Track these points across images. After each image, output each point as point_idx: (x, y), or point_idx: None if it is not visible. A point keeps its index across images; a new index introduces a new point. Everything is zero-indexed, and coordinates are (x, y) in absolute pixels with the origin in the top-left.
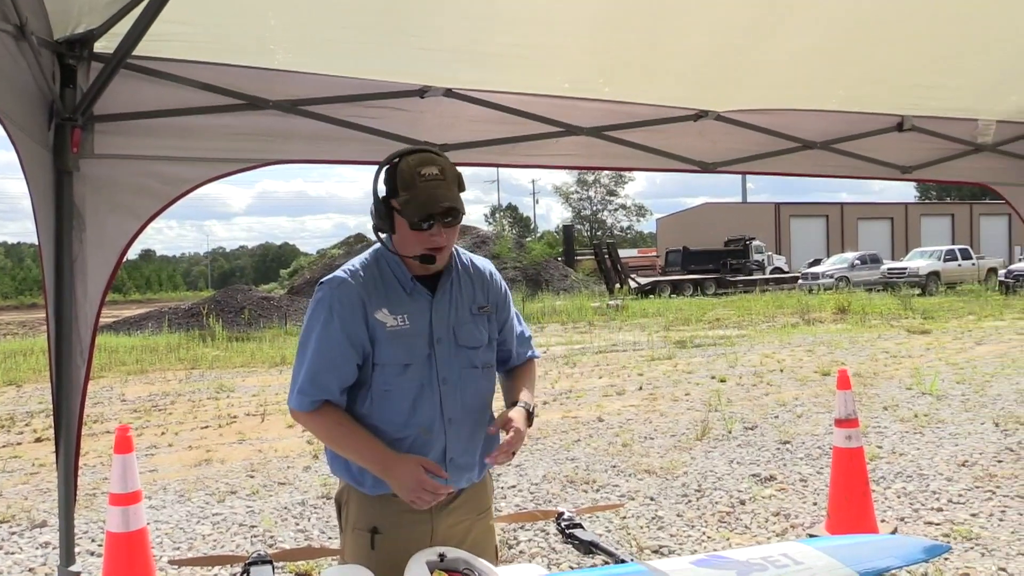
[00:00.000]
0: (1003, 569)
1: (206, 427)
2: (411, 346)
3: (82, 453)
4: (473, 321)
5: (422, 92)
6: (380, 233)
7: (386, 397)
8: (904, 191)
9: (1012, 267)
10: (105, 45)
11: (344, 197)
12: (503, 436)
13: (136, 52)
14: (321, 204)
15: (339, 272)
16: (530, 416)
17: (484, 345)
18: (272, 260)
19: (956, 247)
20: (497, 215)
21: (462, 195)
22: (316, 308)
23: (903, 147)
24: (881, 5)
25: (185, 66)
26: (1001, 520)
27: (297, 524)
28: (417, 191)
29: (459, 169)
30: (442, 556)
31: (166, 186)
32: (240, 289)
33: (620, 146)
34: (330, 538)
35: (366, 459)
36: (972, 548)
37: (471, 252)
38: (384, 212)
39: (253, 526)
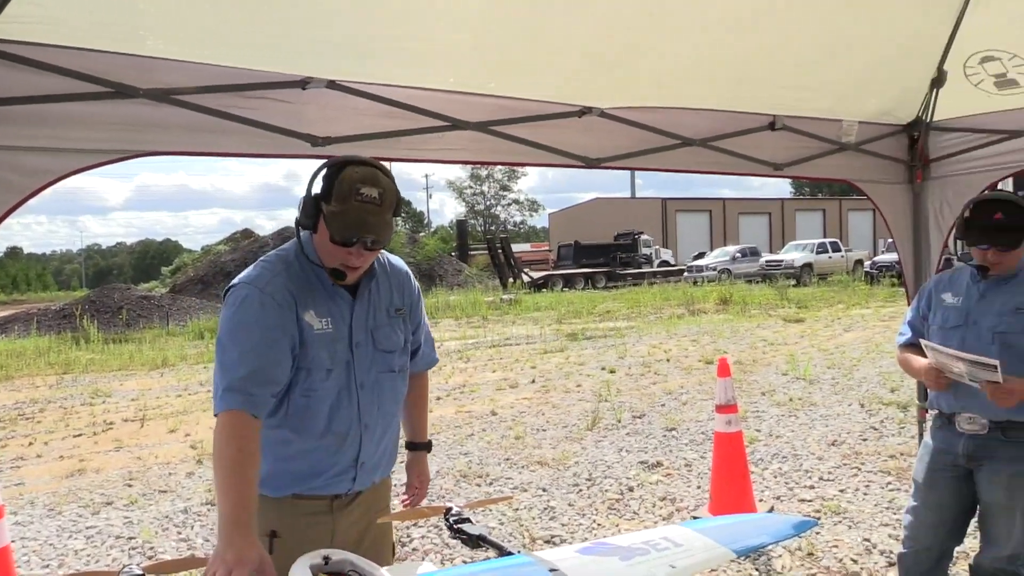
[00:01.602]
0: (867, 539)
1: (79, 435)
2: (334, 350)
3: None
4: (390, 324)
5: (304, 84)
6: (303, 230)
7: (306, 405)
8: (781, 188)
9: (876, 259)
10: None
11: (230, 191)
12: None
13: None
14: (206, 198)
15: (261, 270)
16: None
17: (400, 348)
18: (153, 257)
19: (827, 240)
20: None
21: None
22: (244, 305)
23: (776, 145)
24: (753, 10)
25: (45, 50)
26: (866, 494)
27: (179, 533)
28: (348, 208)
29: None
30: (326, 559)
31: (25, 178)
32: (117, 288)
33: (507, 141)
34: (214, 545)
35: (231, 505)
36: (840, 522)
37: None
38: (312, 212)
39: (131, 538)
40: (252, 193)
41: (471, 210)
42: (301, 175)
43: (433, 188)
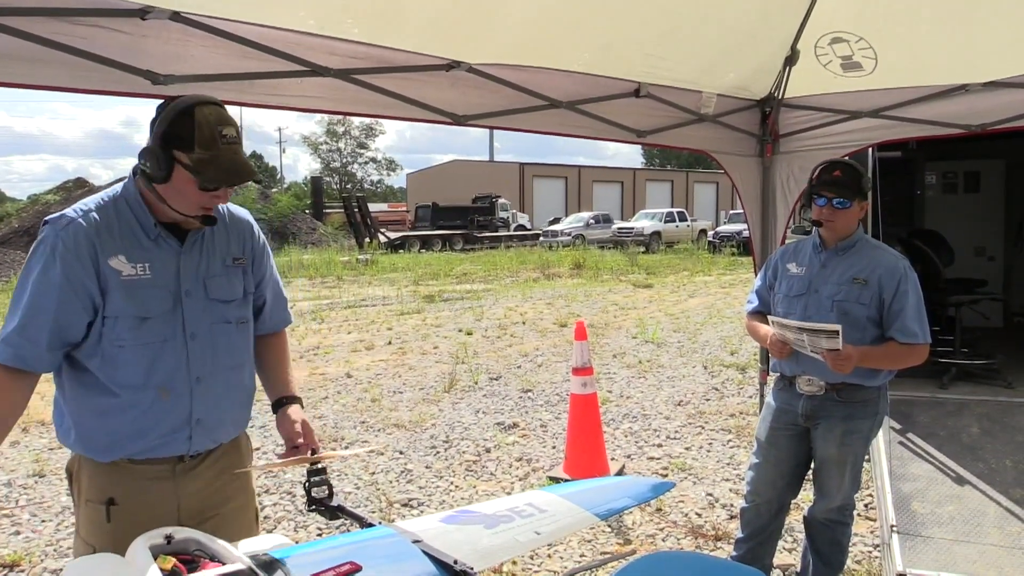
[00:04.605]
0: (710, 494)
1: None
2: (150, 297)
3: None
4: (225, 273)
5: (143, 13)
6: (147, 177)
7: (118, 355)
8: (633, 158)
9: (719, 229)
10: None
11: (60, 136)
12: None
13: None
14: (32, 143)
15: (68, 211)
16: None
17: (239, 299)
18: None
19: (675, 210)
20: None
21: None
22: (37, 250)
23: (639, 112)
24: None
25: None
26: (708, 452)
27: (1, 509)
28: (219, 153)
29: None
30: (169, 538)
31: None
32: None
33: (371, 92)
34: (43, 521)
35: None
36: (686, 478)
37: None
38: (164, 161)
39: None
40: (85, 139)
41: (327, 167)
42: (141, 121)
43: (287, 143)
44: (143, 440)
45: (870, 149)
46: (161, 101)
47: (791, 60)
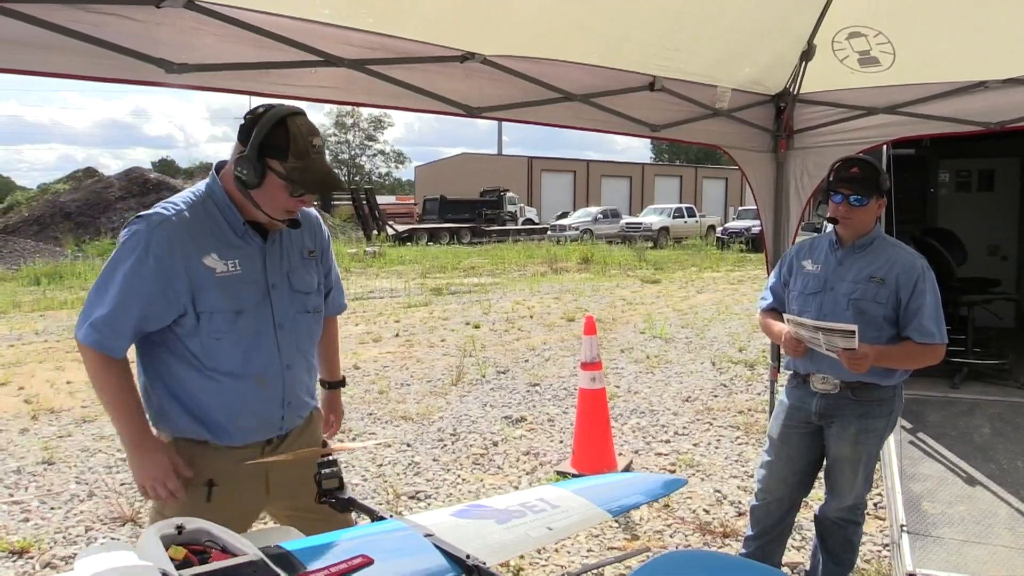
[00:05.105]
0: (718, 491)
1: None
2: (243, 292)
3: None
4: (304, 266)
5: (158, 0)
6: (242, 182)
7: (216, 346)
8: (642, 153)
9: (727, 225)
10: None
11: (70, 126)
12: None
13: None
14: (43, 132)
15: (161, 209)
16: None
17: (315, 290)
18: None
19: (683, 206)
20: None
21: None
22: (129, 242)
23: (653, 106)
24: None
25: None
26: (716, 448)
27: (11, 496)
28: (310, 163)
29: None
30: (180, 528)
31: None
32: None
33: (384, 83)
34: (52, 508)
35: (127, 427)
36: (694, 474)
37: None
38: (258, 169)
39: None
40: (95, 129)
41: (335, 159)
42: (150, 112)
43: None
44: (243, 425)
45: (884, 146)
46: (251, 109)
47: (807, 55)
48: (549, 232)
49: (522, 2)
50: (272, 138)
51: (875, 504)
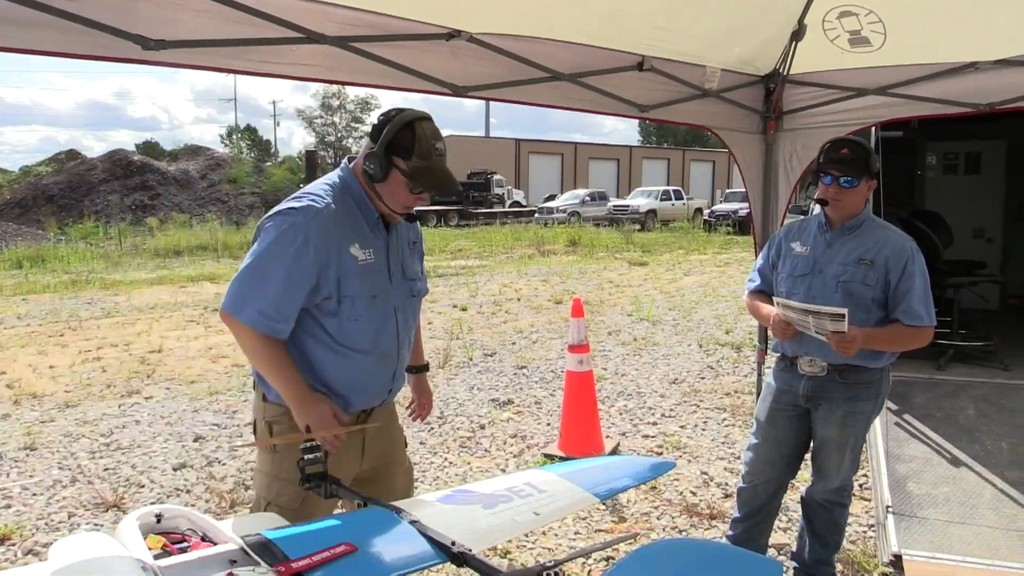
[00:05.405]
0: (705, 472)
1: None
2: (377, 279)
3: None
4: (412, 255)
5: None
6: (369, 173)
7: (353, 327)
8: (629, 135)
9: (715, 208)
10: None
11: (52, 107)
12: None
13: None
14: (24, 114)
15: (311, 201)
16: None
17: (419, 277)
18: None
19: (670, 188)
20: (234, 137)
21: None
22: (289, 232)
23: (642, 86)
24: None
25: None
26: (703, 430)
27: None
28: (432, 164)
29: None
30: (159, 516)
31: None
32: None
33: (368, 60)
34: (34, 495)
35: (290, 388)
36: (681, 456)
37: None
38: (384, 165)
39: None
40: (78, 111)
41: (321, 141)
42: (134, 93)
43: (281, 116)
44: (360, 395)
45: (873, 128)
46: (385, 111)
47: (798, 35)
48: (537, 215)
49: None
50: (400, 138)
51: (861, 485)
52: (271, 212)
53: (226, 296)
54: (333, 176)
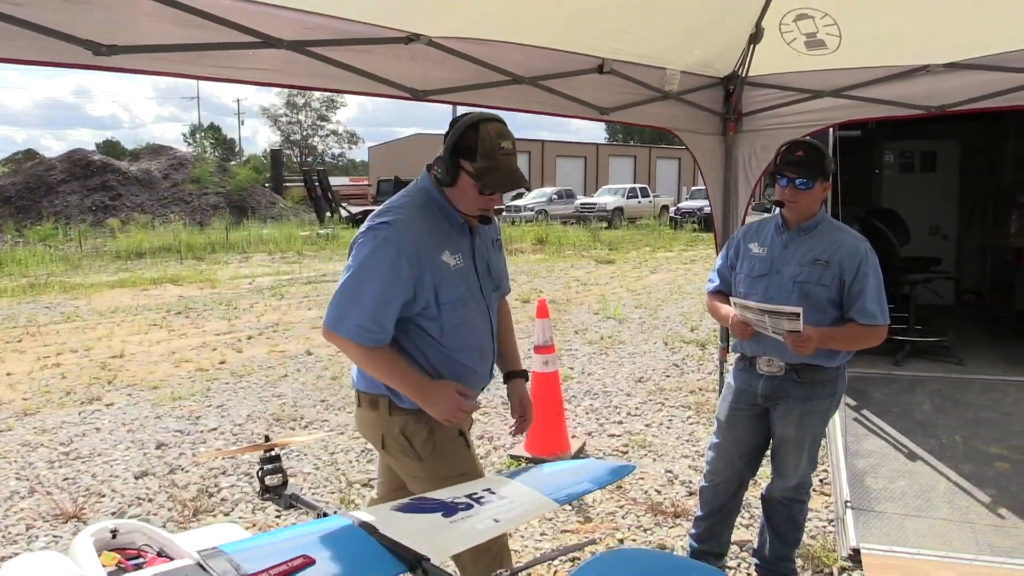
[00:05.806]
0: (670, 471)
1: None
2: (468, 282)
3: None
4: (495, 254)
5: None
6: (438, 178)
7: (459, 328)
8: (596, 133)
9: (680, 205)
10: None
11: (9, 106)
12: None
13: None
14: None
15: (398, 215)
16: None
17: (502, 274)
18: None
19: (637, 186)
20: (197, 135)
21: None
22: (381, 247)
23: (603, 89)
24: None
25: None
26: (668, 428)
27: None
28: (498, 163)
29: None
30: (114, 532)
31: None
32: None
33: (326, 65)
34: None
35: (408, 384)
36: (646, 455)
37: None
38: (452, 168)
39: None
40: (35, 109)
41: (286, 140)
42: (93, 91)
43: (245, 114)
44: (470, 387)
45: (831, 128)
46: (457, 116)
47: (755, 38)
48: (504, 213)
49: None
50: (463, 140)
51: (821, 480)
52: (363, 227)
53: (326, 314)
54: (414, 186)
